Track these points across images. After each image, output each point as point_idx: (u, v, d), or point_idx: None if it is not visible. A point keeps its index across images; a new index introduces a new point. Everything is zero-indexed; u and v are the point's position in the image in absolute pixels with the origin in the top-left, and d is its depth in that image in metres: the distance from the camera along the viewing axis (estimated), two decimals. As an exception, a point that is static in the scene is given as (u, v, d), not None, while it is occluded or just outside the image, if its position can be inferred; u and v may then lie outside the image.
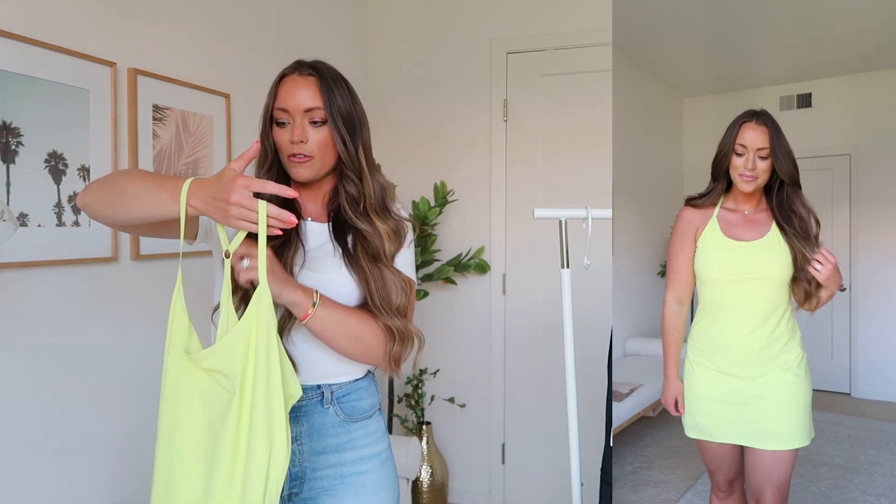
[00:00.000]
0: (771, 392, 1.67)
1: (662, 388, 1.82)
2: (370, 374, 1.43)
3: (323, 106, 1.29)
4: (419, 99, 3.45)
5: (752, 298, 1.67)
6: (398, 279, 1.33)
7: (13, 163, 1.71)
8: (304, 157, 1.29)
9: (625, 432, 2.63)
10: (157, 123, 2.15)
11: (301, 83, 1.30)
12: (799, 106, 2.98)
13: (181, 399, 1.14)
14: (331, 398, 1.33)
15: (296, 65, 1.34)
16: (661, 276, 3.12)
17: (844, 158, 2.91)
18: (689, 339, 1.80)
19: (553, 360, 3.15)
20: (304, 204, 1.38)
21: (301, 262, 1.29)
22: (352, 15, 3.42)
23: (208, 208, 1.11)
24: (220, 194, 1.09)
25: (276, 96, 1.31)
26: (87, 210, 1.23)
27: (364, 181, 1.34)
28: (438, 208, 3.21)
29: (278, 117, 1.30)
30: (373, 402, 1.41)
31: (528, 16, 3.27)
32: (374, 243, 1.32)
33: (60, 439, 1.87)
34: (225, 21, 2.49)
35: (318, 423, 1.33)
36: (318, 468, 1.32)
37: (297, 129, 1.28)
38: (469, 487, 3.39)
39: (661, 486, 2.46)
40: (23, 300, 1.76)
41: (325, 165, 1.33)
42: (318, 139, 1.30)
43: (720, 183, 1.71)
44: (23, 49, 1.73)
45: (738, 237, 1.67)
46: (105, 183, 1.21)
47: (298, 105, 1.28)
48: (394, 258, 1.35)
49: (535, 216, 1.99)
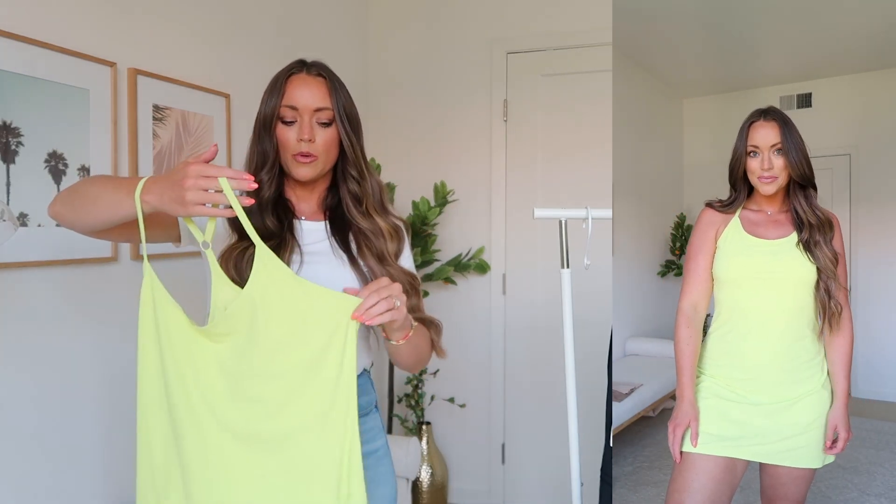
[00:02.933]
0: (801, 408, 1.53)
1: (674, 412, 1.56)
2: (366, 371, 1.43)
3: (332, 106, 1.30)
4: (419, 99, 3.45)
5: (775, 301, 1.52)
6: (406, 277, 1.34)
7: (13, 163, 1.71)
8: (311, 156, 1.29)
9: (625, 432, 2.63)
10: (157, 123, 2.15)
11: (312, 83, 1.30)
12: (799, 106, 2.98)
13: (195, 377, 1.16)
14: None
15: (300, 64, 1.34)
16: (662, 276, 3.12)
17: (844, 158, 2.91)
18: (704, 354, 1.61)
19: (553, 361, 3.15)
20: (298, 204, 1.38)
21: (298, 260, 1.29)
22: (352, 15, 3.42)
23: (163, 200, 1.09)
24: (174, 184, 1.08)
25: (284, 94, 1.30)
26: (57, 219, 1.24)
27: (365, 180, 1.36)
28: (438, 208, 3.21)
29: (285, 115, 1.30)
30: (369, 399, 1.41)
31: (528, 16, 3.27)
32: (378, 243, 1.33)
33: (61, 439, 1.87)
34: (225, 21, 2.49)
35: None
36: None
37: (305, 128, 1.28)
38: (469, 487, 3.39)
39: (661, 486, 2.46)
40: (23, 300, 1.76)
41: (327, 165, 1.34)
42: (325, 139, 1.30)
43: (741, 191, 1.60)
44: (23, 49, 1.73)
45: (761, 235, 1.55)
46: (71, 191, 1.22)
47: (308, 104, 1.29)
48: (397, 258, 1.37)
49: (535, 216, 1.99)
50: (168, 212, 1.11)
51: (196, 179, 1.06)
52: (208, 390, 1.16)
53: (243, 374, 1.16)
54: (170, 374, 1.16)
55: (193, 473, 1.16)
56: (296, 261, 1.29)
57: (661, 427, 2.85)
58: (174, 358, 1.16)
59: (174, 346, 1.16)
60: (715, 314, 1.63)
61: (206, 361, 1.16)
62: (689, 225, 3.12)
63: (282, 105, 1.29)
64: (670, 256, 3.15)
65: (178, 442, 1.17)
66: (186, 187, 1.06)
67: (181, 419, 1.16)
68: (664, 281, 3.17)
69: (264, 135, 1.31)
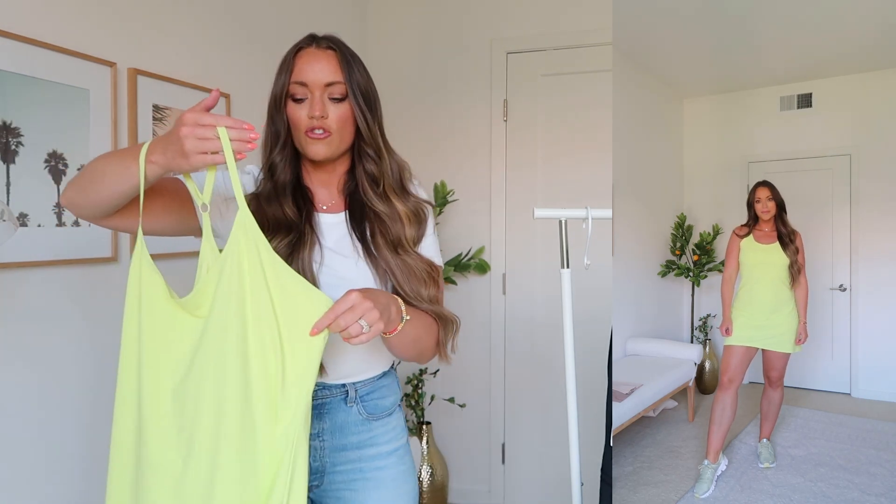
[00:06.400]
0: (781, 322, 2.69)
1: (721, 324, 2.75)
2: (393, 369, 1.41)
3: (344, 80, 1.24)
4: (419, 99, 3.45)
5: (769, 274, 2.69)
6: (423, 265, 1.29)
7: (13, 163, 1.71)
8: (324, 132, 1.23)
9: (625, 432, 2.63)
10: (157, 123, 2.15)
11: (321, 56, 1.24)
12: (799, 106, 2.98)
13: None
14: (355, 397, 1.32)
15: (310, 38, 1.28)
16: (662, 277, 3.12)
17: (844, 158, 2.91)
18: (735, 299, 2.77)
19: (553, 361, 3.15)
20: (317, 190, 1.33)
21: (319, 259, 1.25)
22: (352, 15, 3.42)
23: (166, 156, 1.03)
24: (172, 136, 1.01)
25: (293, 70, 1.24)
26: (70, 206, 1.16)
27: (382, 160, 1.30)
28: (438, 208, 3.21)
29: (294, 92, 1.24)
30: (394, 399, 1.39)
31: (529, 16, 3.27)
32: (395, 229, 1.28)
33: (62, 439, 1.87)
34: (225, 21, 2.49)
35: (340, 421, 1.31)
36: (338, 463, 1.32)
37: (316, 104, 1.22)
38: (469, 487, 3.39)
39: (661, 486, 2.46)
40: (23, 300, 1.76)
41: (343, 143, 1.27)
42: (338, 115, 1.24)
43: (752, 218, 2.73)
44: (23, 49, 1.73)
45: (762, 242, 2.72)
46: (80, 175, 1.15)
47: (318, 79, 1.23)
48: (416, 244, 1.31)
49: (535, 216, 1.99)
50: (174, 168, 1.04)
51: (192, 128, 1.00)
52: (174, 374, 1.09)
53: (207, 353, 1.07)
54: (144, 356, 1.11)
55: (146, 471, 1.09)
56: (316, 259, 1.24)
57: (662, 427, 2.85)
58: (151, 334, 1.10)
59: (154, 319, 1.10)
60: (740, 282, 2.74)
61: (181, 338, 1.09)
62: (690, 225, 3.13)
63: (291, 82, 1.24)
64: (670, 256, 3.15)
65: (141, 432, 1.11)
66: (183, 135, 1.00)
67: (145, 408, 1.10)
68: (664, 281, 3.17)
69: (276, 115, 1.26)
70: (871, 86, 2.83)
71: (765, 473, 2.52)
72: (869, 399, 2.92)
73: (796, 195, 3.00)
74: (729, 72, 2.99)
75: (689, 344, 3.12)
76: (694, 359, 2.97)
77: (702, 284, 3.09)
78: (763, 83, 3.02)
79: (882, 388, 2.89)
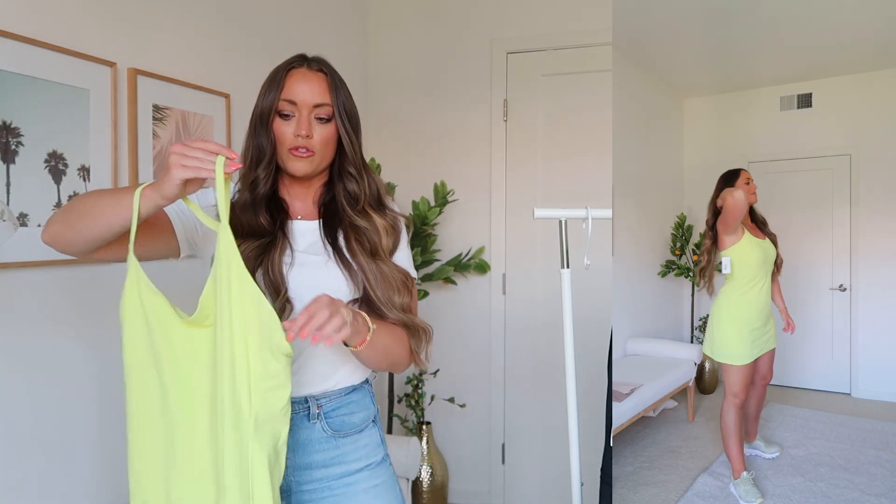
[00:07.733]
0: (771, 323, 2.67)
1: None
2: (367, 383, 1.39)
3: (331, 103, 1.28)
4: (419, 99, 3.45)
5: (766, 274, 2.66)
6: (398, 274, 1.31)
7: (13, 163, 1.71)
8: (307, 151, 1.27)
9: (625, 432, 2.63)
10: (157, 123, 2.15)
11: (312, 78, 1.29)
12: (799, 106, 2.98)
13: None
14: (318, 413, 1.29)
15: (301, 58, 1.32)
16: (662, 277, 3.12)
17: (844, 158, 2.91)
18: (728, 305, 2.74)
19: (553, 361, 3.15)
20: (293, 202, 1.36)
21: (290, 261, 1.27)
22: (352, 15, 3.42)
23: (160, 189, 1.09)
24: (162, 171, 1.09)
25: (283, 88, 1.28)
26: (53, 242, 1.19)
27: (363, 178, 1.34)
28: (438, 208, 3.21)
29: (283, 109, 1.28)
30: (365, 415, 1.36)
31: (529, 16, 3.27)
32: (372, 238, 1.31)
33: (62, 439, 1.87)
34: (225, 21, 2.49)
35: (303, 439, 1.29)
36: (303, 482, 1.30)
37: (303, 123, 1.26)
38: (469, 487, 3.39)
39: (661, 486, 2.46)
40: (22, 300, 1.76)
41: (324, 162, 1.32)
42: (323, 135, 1.28)
43: None
44: (23, 49, 1.73)
45: (757, 236, 2.63)
46: (64, 211, 1.19)
47: (308, 99, 1.27)
48: (391, 254, 1.34)
49: (535, 216, 1.99)
50: (163, 191, 1.09)
51: (179, 157, 1.06)
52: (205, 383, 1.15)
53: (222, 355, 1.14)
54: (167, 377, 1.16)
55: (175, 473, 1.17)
56: (287, 261, 1.27)
57: (662, 427, 2.85)
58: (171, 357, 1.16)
59: (171, 343, 1.16)
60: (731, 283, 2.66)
61: (202, 349, 1.15)
62: (690, 225, 3.13)
63: (280, 99, 1.27)
64: (670, 256, 3.15)
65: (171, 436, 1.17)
66: (171, 164, 1.07)
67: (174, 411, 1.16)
68: (664, 281, 3.17)
69: (261, 129, 1.29)
70: (870, 86, 2.83)
71: (765, 473, 2.52)
72: (869, 399, 2.92)
73: (796, 195, 3.00)
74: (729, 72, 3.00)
75: (688, 344, 3.13)
76: (694, 359, 2.97)
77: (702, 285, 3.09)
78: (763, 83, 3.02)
79: (882, 388, 2.89)
